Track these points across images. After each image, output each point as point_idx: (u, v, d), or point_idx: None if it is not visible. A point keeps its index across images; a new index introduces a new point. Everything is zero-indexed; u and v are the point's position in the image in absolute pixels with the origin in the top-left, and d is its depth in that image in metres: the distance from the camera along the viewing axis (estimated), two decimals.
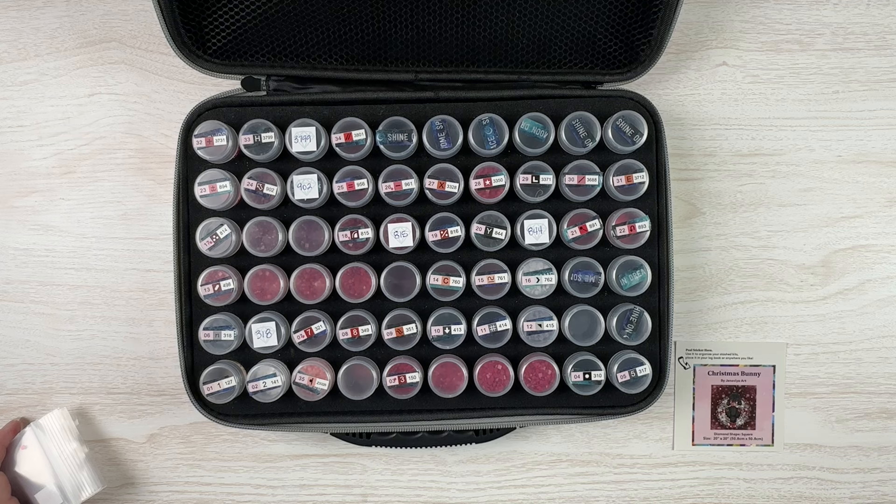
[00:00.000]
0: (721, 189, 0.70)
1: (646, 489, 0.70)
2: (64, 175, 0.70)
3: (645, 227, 0.62)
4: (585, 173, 0.62)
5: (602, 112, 0.63)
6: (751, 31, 0.70)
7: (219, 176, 0.61)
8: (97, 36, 0.70)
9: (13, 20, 0.70)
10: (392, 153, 0.62)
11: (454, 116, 0.62)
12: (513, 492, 0.69)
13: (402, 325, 0.62)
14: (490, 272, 0.62)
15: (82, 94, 0.70)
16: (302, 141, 0.61)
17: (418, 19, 0.62)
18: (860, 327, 0.70)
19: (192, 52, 0.62)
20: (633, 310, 0.63)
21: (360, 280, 0.62)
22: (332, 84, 0.65)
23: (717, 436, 0.70)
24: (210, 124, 0.62)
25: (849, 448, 0.70)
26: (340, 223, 0.62)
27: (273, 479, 0.69)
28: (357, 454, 0.69)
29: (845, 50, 0.70)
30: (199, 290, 0.61)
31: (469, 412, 0.64)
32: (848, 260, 0.70)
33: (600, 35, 0.64)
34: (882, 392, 0.70)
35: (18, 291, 0.69)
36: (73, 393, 0.69)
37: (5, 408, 0.69)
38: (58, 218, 0.69)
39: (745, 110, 0.70)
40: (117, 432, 0.69)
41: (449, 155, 0.63)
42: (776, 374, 0.70)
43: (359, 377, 0.62)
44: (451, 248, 0.62)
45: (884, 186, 0.70)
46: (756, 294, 0.70)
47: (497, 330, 0.62)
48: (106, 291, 0.69)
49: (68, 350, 0.69)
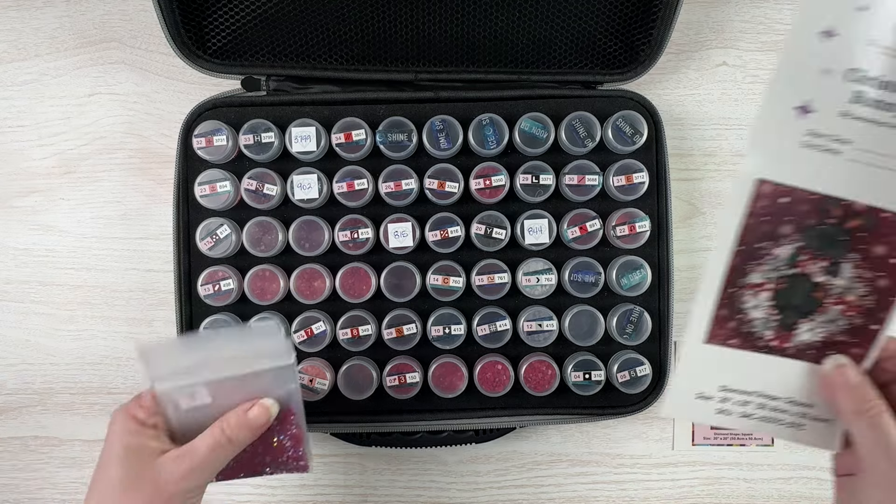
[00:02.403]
0: (721, 189, 0.70)
1: (646, 489, 0.70)
2: (64, 175, 0.70)
3: (645, 227, 0.62)
4: (585, 173, 0.62)
5: (602, 112, 0.63)
6: (751, 31, 0.70)
7: (219, 176, 0.61)
8: (97, 36, 0.70)
9: (13, 20, 0.70)
10: (392, 153, 0.62)
11: (454, 116, 0.62)
12: (513, 492, 0.69)
13: (402, 325, 0.62)
14: (490, 272, 0.62)
15: (82, 94, 0.70)
16: (302, 141, 0.61)
17: (418, 19, 0.62)
18: None
19: (192, 52, 0.62)
20: (633, 310, 0.63)
21: (360, 280, 0.62)
22: (332, 84, 0.65)
23: (717, 436, 0.70)
24: (210, 124, 0.62)
25: None
26: (340, 223, 0.62)
27: (273, 479, 0.69)
28: (357, 454, 0.69)
29: None
30: (199, 290, 0.61)
31: (469, 412, 0.64)
32: None
33: (600, 35, 0.64)
34: None
35: (18, 291, 0.69)
36: (73, 393, 0.69)
37: (5, 408, 0.69)
38: (58, 218, 0.70)
39: (746, 110, 0.70)
40: None
41: (449, 155, 0.63)
42: None
43: (359, 377, 0.62)
44: (451, 248, 0.62)
45: None
46: None
47: (497, 330, 0.62)
48: (106, 291, 0.69)
49: (68, 350, 0.69)
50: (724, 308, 0.44)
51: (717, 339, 0.45)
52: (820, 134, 0.41)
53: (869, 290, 0.44)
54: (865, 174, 0.41)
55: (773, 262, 0.43)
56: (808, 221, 0.42)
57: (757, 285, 0.44)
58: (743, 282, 0.44)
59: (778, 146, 0.41)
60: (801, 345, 0.45)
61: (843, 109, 0.40)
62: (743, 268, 0.44)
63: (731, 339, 0.45)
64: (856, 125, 0.41)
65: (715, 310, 0.44)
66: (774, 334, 0.45)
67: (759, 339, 0.45)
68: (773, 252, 0.43)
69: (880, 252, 0.43)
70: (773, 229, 0.43)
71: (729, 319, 0.45)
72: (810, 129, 0.41)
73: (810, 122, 0.41)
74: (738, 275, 0.44)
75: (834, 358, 0.44)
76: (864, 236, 0.42)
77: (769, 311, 0.44)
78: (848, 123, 0.41)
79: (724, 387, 0.46)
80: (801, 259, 0.43)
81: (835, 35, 0.39)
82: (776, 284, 0.44)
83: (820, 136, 0.41)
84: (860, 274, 0.43)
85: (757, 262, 0.43)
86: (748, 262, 0.43)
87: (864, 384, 0.43)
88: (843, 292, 0.44)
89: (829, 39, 0.39)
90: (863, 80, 0.40)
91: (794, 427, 0.46)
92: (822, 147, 0.41)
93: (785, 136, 0.41)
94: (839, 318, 0.44)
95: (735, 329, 0.45)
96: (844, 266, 0.43)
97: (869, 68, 0.40)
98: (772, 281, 0.44)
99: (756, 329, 0.45)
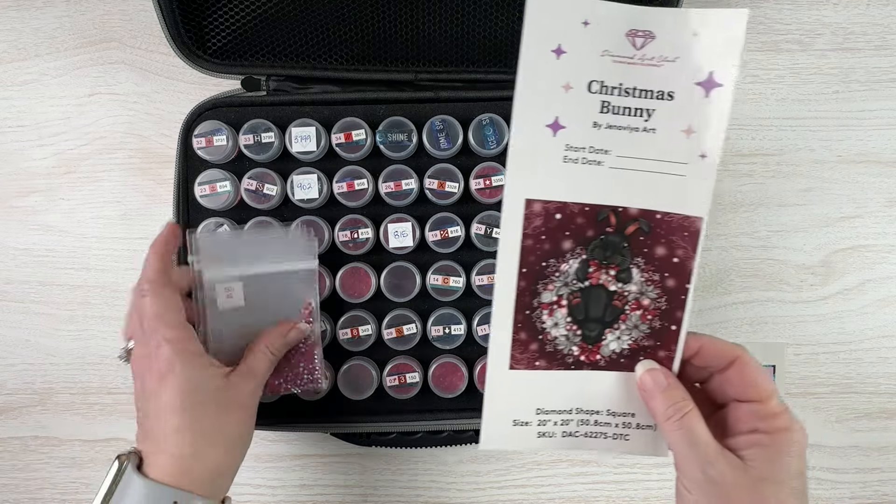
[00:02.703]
0: (721, 189, 0.70)
1: (646, 489, 0.70)
2: (64, 175, 0.70)
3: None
4: None
5: None
6: (751, 31, 0.70)
7: (219, 176, 0.61)
8: (97, 36, 0.70)
9: (13, 20, 0.70)
10: (392, 153, 0.62)
11: (454, 116, 0.62)
12: (513, 492, 0.69)
13: (402, 325, 0.62)
14: (490, 272, 0.62)
15: (82, 94, 0.70)
16: (302, 141, 0.61)
17: (418, 19, 0.62)
18: (860, 327, 0.70)
19: (192, 52, 0.62)
20: None
21: (360, 280, 0.62)
22: (332, 84, 0.65)
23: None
24: (210, 124, 0.62)
25: (849, 448, 0.70)
26: (340, 223, 0.62)
27: (273, 479, 0.69)
28: (357, 454, 0.69)
29: (845, 50, 0.70)
30: None
31: (469, 412, 0.64)
32: (848, 260, 0.70)
33: None
34: (882, 392, 0.70)
35: (18, 291, 0.69)
36: (73, 393, 0.69)
37: (5, 408, 0.69)
38: (58, 218, 0.70)
39: (745, 110, 0.70)
40: (117, 432, 0.69)
41: (449, 155, 0.63)
42: (776, 374, 0.70)
43: (359, 377, 0.62)
44: (451, 248, 0.62)
45: (884, 186, 0.70)
46: (756, 294, 0.70)
47: None
48: (106, 291, 0.69)
49: (68, 350, 0.69)
50: (523, 332, 0.44)
51: (522, 363, 0.44)
52: (577, 147, 0.41)
53: (659, 292, 0.44)
54: (630, 179, 0.42)
55: (562, 278, 0.44)
56: (588, 233, 0.43)
57: (551, 304, 0.44)
58: (536, 302, 0.44)
59: (540, 164, 0.42)
60: (612, 355, 0.45)
61: (594, 120, 0.41)
62: (533, 289, 0.43)
63: (536, 361, 0.44)
64: (609, 134, 0.41)
65: (512, 335, 0.44)
66: (581, 349, 0.45)
67: (566, 357, 0.45)
68: (561, 268, 0.43)
69: (661, 253, 0.43)
70: (554, 246, 0.43)
71: (530, 342, 0.44)
72: (567, 144, 0.41)
73: (565, 137, 0.41)
74: (530, 296, 0.44)
75: (642, 363, 0.45)
76: (643, 240, 0.43)
77: (569, 327, 0.44)
78: (601, 133, 0.41)
79: (541, 409, 0.45)
80: (590, 271, 0.44)
81: (564, 52, 0.40)
82: (570, 300, 0.44)
83: (578, 149, 0.41)
84: (648, 277, 0.44)
85: (546, 281, 0.43)
86: (537, 283, 0.43)
87: (671, 386, 0.43)
88: (638, 297, 0.44)
89: (562, 56, 0.40)
90: (605, 90, 0.41)
91: (620, 438, 0.46)
92: (583, 159, 0.41)
93: (544, 153, 0.41)
94: (640, 323, 0.44)
95: (539, 350, 0.44)
96: (633, 272, 0.44)
97: (607, 77, 0.41)
98: (565, 297, 0.44)
99: (561, 347, 0.45)
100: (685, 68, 0.41)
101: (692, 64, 0.41)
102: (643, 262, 0.43)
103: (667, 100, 0.41)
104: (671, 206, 0.42)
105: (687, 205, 0.42)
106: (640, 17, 0.40)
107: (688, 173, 0.42)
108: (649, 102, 0.41)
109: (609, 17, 0.40)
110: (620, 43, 0.40)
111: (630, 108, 0.41)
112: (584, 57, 0.40)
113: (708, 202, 0.42)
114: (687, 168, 0.42)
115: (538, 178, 0.42)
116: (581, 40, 0.40)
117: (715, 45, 0.40)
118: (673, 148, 0.42)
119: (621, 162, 0.42)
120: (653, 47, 0.40)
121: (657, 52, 0.40)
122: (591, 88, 0.41)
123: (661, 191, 0.42)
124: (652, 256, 0.43)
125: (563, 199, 0.42)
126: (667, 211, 0.42)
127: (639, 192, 0.42)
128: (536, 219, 0.42)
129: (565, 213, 0.42)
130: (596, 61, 0.40)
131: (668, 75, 0.41)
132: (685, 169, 0.42)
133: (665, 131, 0.41)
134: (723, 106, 0.42)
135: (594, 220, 0.43)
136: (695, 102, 0.41)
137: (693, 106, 0.41)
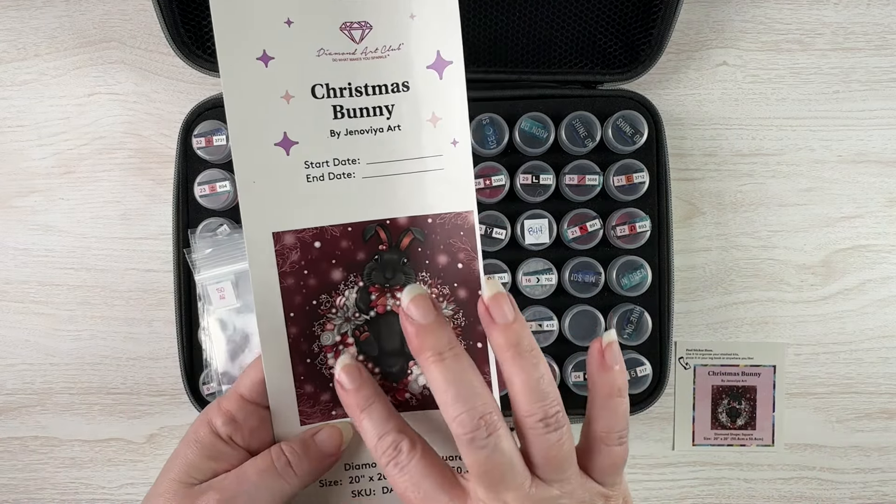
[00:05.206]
0: (721, 189, 0.70)
1: (646, 489, 0.70)
2: (63, 175, 0.70)
3: (645, 227, 0.62)
4: (586, 173, 0.62)
5: (602, 112, 0.63)
6: (751, 31, 0.70)
7: (219, 176, 0.61)
8: (97, 36, 0.70)
9: (13, 20, 0.70)
10: None
11: None
12: None
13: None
14: (490, 272, 0.62)
15: (82, 94, 0.70)
16: None
17: None
18: (860, 327, 0.70)
19: (192, 52, 0.62)
20: (633, 310, 0.63)
21: None
22: None
23: (717, 436, 0.70)
24: (210, 124, 0.62)
25: (849, 448, 0.70)
26: None
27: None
28: None
29: (845, 50, 0.70)
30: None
31: None
32: (848, 260, 0.70)
33: (600, 35, 0.64)
34: (882, 392, 0.70)
35: (18, 291, 0.69)
36: (73, 393, 0.69)
37: (5, 408, 0.69)
38: (57, 218, 0.69)
39: (746, 110, 0.70)
40: (117, 432, 0.69)
41: None
42: (776, 374, 0.70)
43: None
44: None
45: (884, 186, 0.70)
46: (756, 294, 0.70)
47: None
48: (106, 291, 0.69)
49: (68, 350, 0.69)
50: (307, 384, 0.38)
51: (314, 417, 0.39)
52: (318, 163, 0.36)
53: (455, 306, 0.38)
54: (389, 186, 0.37)
55: (341, 313, 0.38)
56: (358, 257, 0.38)
57: (335, 345, 0.38)
58: (317, 347, 0.38)
59: (281, 190, 0.36)
60: (424, 391, 0.39)
61: (330, 129, 0.37)
62: (308, 333, 0.38)
63: (332, 411, 0.39)
64: (351, 141, 0.37)
65: (296, 389, 0.38)
66: (385, 389, 0.38)
67: None
68: (336, 303, 0.38)
69: (444, 261, 0.38)
70: (321, 280, 0.37)
71: (320, 393, 0.38)
72: (306, 161, 0.36)
73: (301, 153, 0.36)
74: (307, 342, 0.38)
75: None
76: (422, 251, 0.38)
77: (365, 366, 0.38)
78: (342, 142, 0.37)
79: (350, 465, 0.39)
80: (373, 299, 0.38)
81: (272, 58, 0.36)
82: (357, 336, 0.39)
83: (319, 164, 0.37)
84: (438, 292, 0.38)
85: (323, 321, 0.38)
86: (312, 325, 0.38)
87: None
88: None
89: (271, 62, 0.36)
90: (334, 93, 0.36)
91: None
92: (330, 175, 0.37)
93: (282, 176, 0.36)
94: None
95: (332, 400, 0.38)
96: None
97: (332, 79, 0.36)
98: (350, 334, 0.38)
99: None
100: (412, 54, 0.37)
101: (418, 47, 0.36)
102: (428, 276, 0.38)
103: (403, 91, 0.37)
104: (439, 205, 0.38)
105: (454, 200, 0.38)
106: (351, 8, 0.36)
107: (445, 165, 0.37)
108: (386, 98, 0.37)
109: (315, 12, 0.36)
110: (336, 39, 0.36)
111: (367, 108, 0.37)
112: (297, 61, 0.36)
113: (472, 193, 0.38)
114: (443, 160, 0.37)
115: (282, 207, 0.36)
116: (288, 42, 0.36)
117: (434, 21, 0.36)
118: (424, 142, 0.37)
119: (374, 169, 0.37)
120: (373, 38, 0.36)
121: (380, 43, 0.36)
122: (317, 94, 0.36)
123: (426, 191, 0.37)
124: (435, 267, 0.38)
125: (317, 224, 0.37)
126: (437, 212, 0.38)
127: (402, 199, 0.37)
128: (292, 253, 0.37)
129: (325, 240, 0.37)
130: (313, 63, 0.36)
131: (397, 65, 0.37)
132: (442, 161, 0.37)
133: (411, 126, 0.37)
134: (459, 83, 0.37)
135: (361, 241, 0.37)
136: (432, 87, 0.37)
137: (432, 91, 0.37)
